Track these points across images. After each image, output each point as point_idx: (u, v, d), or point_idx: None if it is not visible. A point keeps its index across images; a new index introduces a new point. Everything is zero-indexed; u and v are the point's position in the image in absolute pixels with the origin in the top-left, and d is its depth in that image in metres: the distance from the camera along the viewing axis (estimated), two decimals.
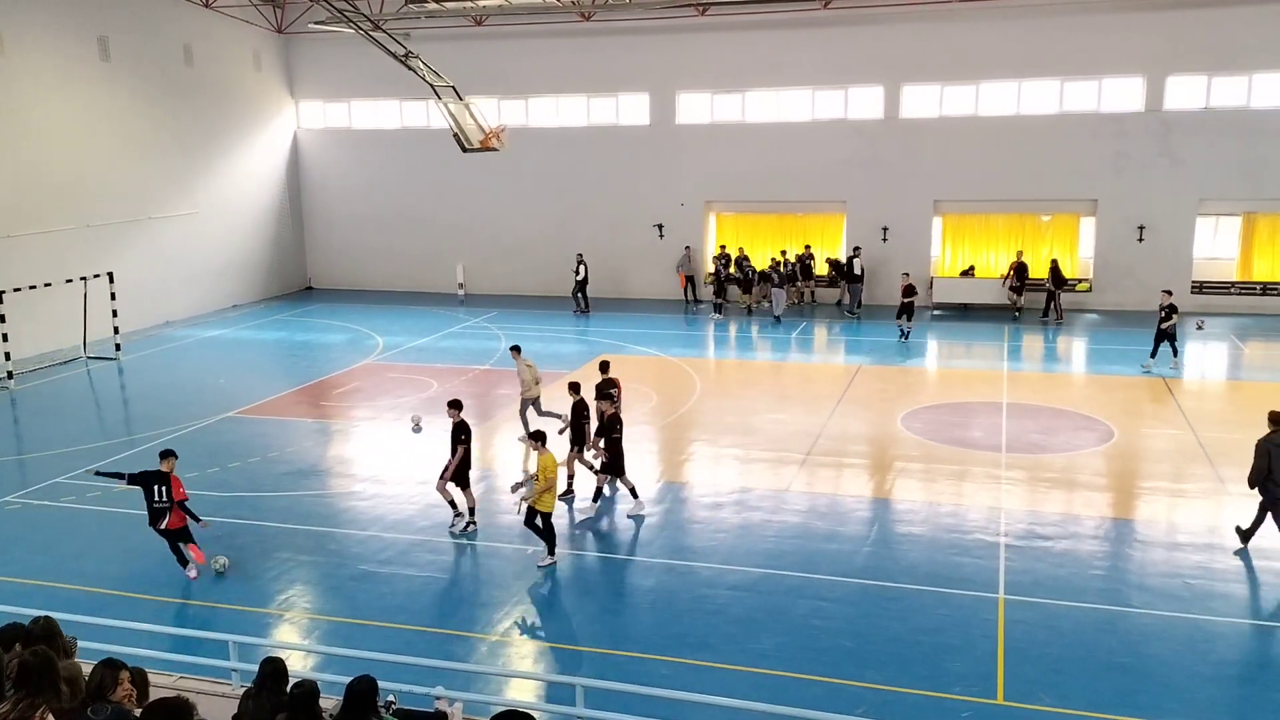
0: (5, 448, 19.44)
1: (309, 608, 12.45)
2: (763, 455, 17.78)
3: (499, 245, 34.89)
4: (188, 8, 31.27)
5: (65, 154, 27.15)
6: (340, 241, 36.99)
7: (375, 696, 6.66)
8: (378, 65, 27.72)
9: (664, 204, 33.38)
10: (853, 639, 11.26)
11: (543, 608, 12.33)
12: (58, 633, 6.63)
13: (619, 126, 33.63)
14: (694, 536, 14.39)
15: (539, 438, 13.27)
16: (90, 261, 26.84)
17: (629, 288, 33.93)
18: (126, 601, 12.32)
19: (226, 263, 33.50)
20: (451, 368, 24.43)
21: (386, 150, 35.74)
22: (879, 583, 12.64)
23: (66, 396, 22.67)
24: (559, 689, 9.99)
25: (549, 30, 32.95)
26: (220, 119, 32.91)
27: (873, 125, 31.32)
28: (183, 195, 31.48)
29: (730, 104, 32.64)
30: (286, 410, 21.17)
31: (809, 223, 33.19)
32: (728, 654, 10.94)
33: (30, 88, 26.12)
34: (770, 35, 31.39)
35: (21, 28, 25.77)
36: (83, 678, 6.40)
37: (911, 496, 15.81)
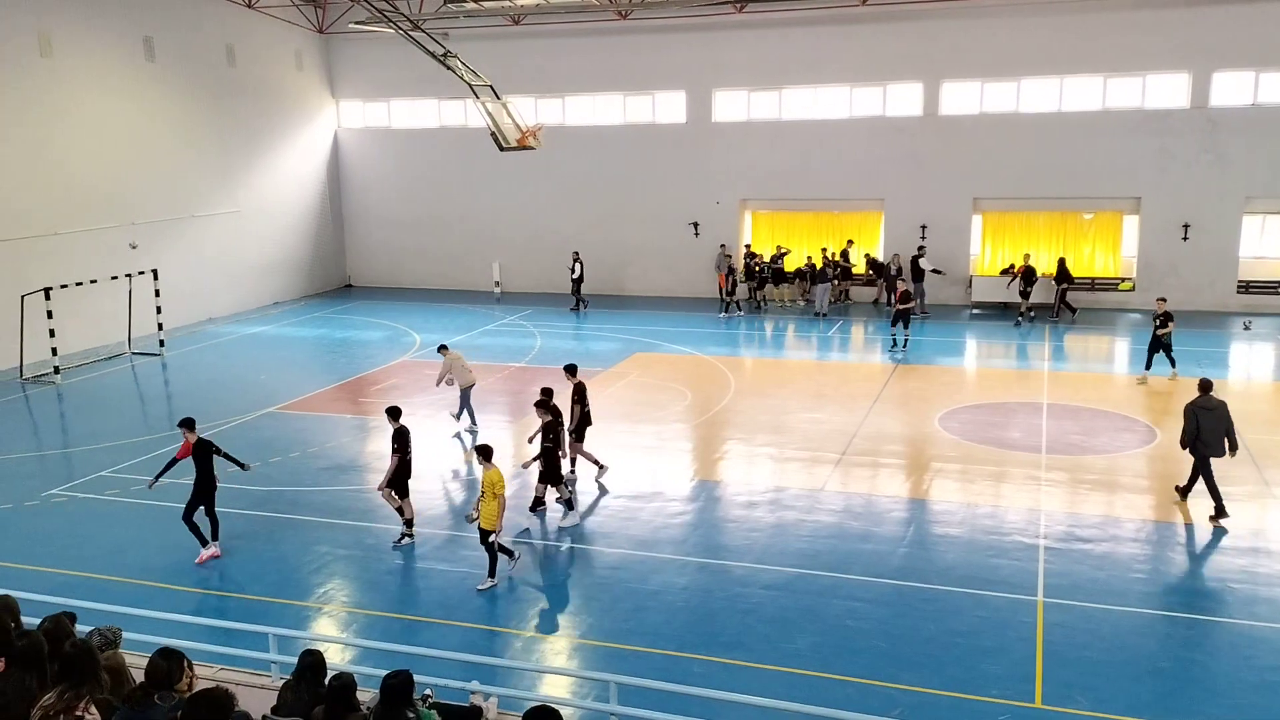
0: (51, 441, 19.84)
1: (347, 601, 12.60)
2: (797, 454, 17.71)
3: (535, 243, 35.04)
4: (230, 8, 31.69)
5: (111, 153, 27.62)
6: (379, 240, 37.33)
7: (412, 691, 6.73)
8: (417, 65, 27.93)
9: (699, 202, 33.35)
10: (887, 640, 11.20)
11: (577, 604, 12.38)
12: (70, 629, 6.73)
13: (655, 125, 33.64)
14: (728, 535, 14.38)
15: (485, 453, 12.86)
16: (135, 259, 27.29)
17: (664, 286, 33.93)
18: (169, 593, 12.53)
19: (268, 261, 33.92)
20: (487, 365, 24.56)
21: (425, 149, 36.01)
22: (915, 584, 12.56)
23: (111, 392, 23.07)
24: (593, 685, 10.04)
25: (586, 29, 33.03)
26: (262, 118, 33.33)
27: (911, 122, 31.09)
28: (225, 194, 31.92)
29: (767, 101, 32.53)
30: (326, 406, 21.41)
31: (846, 221, 33.01)
32: (761, 653, 10.93)
33: (77, 88, 26.60)
34: (808, 32, 31.25)
35: (69, 29, 26.25)
36: (127, 667, 6.53)
37: (948, 497, 15.68)
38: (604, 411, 20.50)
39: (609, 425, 19.60)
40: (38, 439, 20.07)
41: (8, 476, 17.12)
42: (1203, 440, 14.14)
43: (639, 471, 16.99)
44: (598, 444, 18.55)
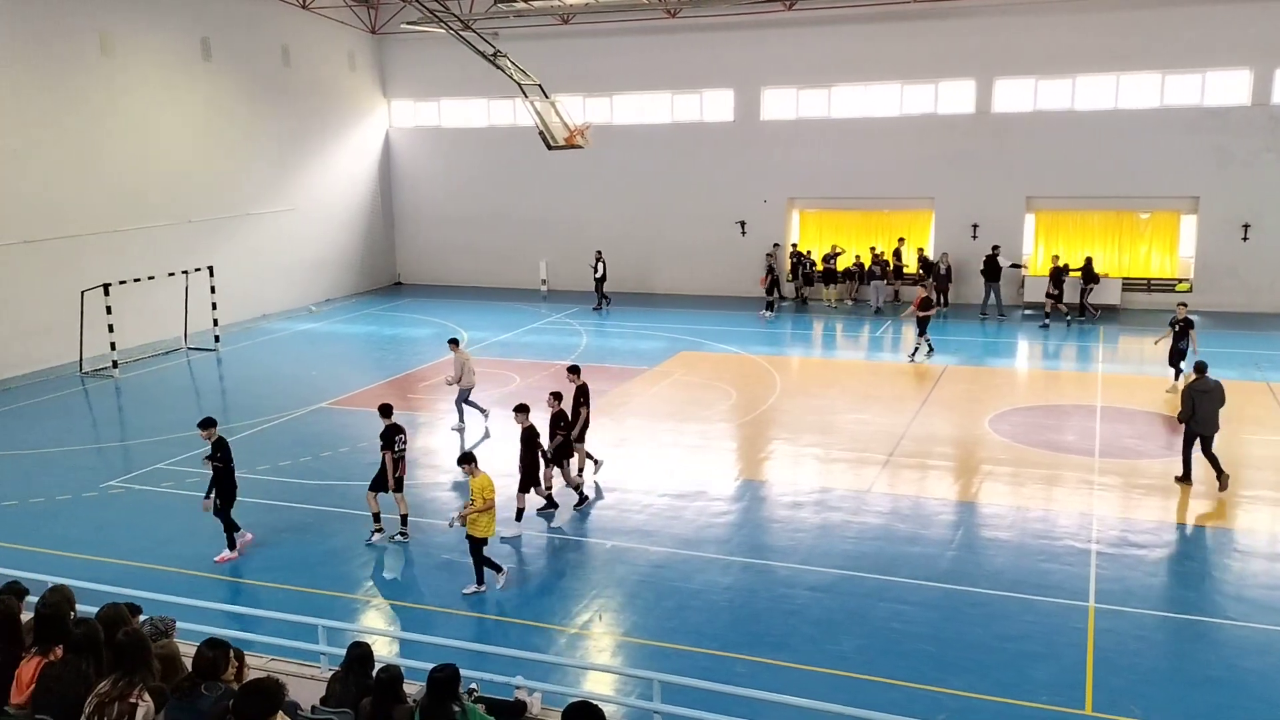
0: (110, 434, 20.30)
1: (394, 595, 12.74)
2: (844, 455, 17.60)
3: (582, 242, 35.12)
4: (286, 9, 32.18)
5: (169, 152, 28.17)
6: (428, 238, 37.69)
7: (458, 684, 6.79)
8: (467, 64, 28.15)
9: (747, 201, 33.25)
10: (934, 644, 11.09)
11: (621, 602, 12.40)
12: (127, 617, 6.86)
13: (703, 123, 33.59)
14: (773, 535, 14.32)
15: (470, 460, 12.57)
16: (191, 256, 27.83)
17: (710, 285, 33.87)
18: (221, 584, 12.77)
19: (320, 258, 34.40)
20: (534, 362, 24.72)
21: (474, 148, 36.29)
22: (963, 588, 12.42)
23: (167, 386, 23.54)
24: (636, 683, 10.06)
25: (634, 28, 33.07)
26: (315, 118, 33.80)
27: (963, 120, 30.72)
28: (279, 192, 32.42)
29: (816, 99, 32.32)
30: (375, 402, 21.55)
31: (895, 219, 32.72)
32: (806, 654, 10.88)
33: (137, 87, 27.17)
34: (859, 29, 31.00)
35: (129, 29, 26.81)
36: (180, 657, 6.67)
37: (998, 500, 15.48)
38: (649, 410, 20.56)
39: (654, 424, 19.65)
40: (96, 432, 20.54)
41: (67, 468, 17.54)
42: (1198, 420, 15.29)
43: (683, 470, 16.98)
44: (642, 442, 18.59)
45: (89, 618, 6.70)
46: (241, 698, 5.02)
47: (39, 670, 6.27)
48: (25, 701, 6.21)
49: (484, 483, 12.39)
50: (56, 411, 21.36)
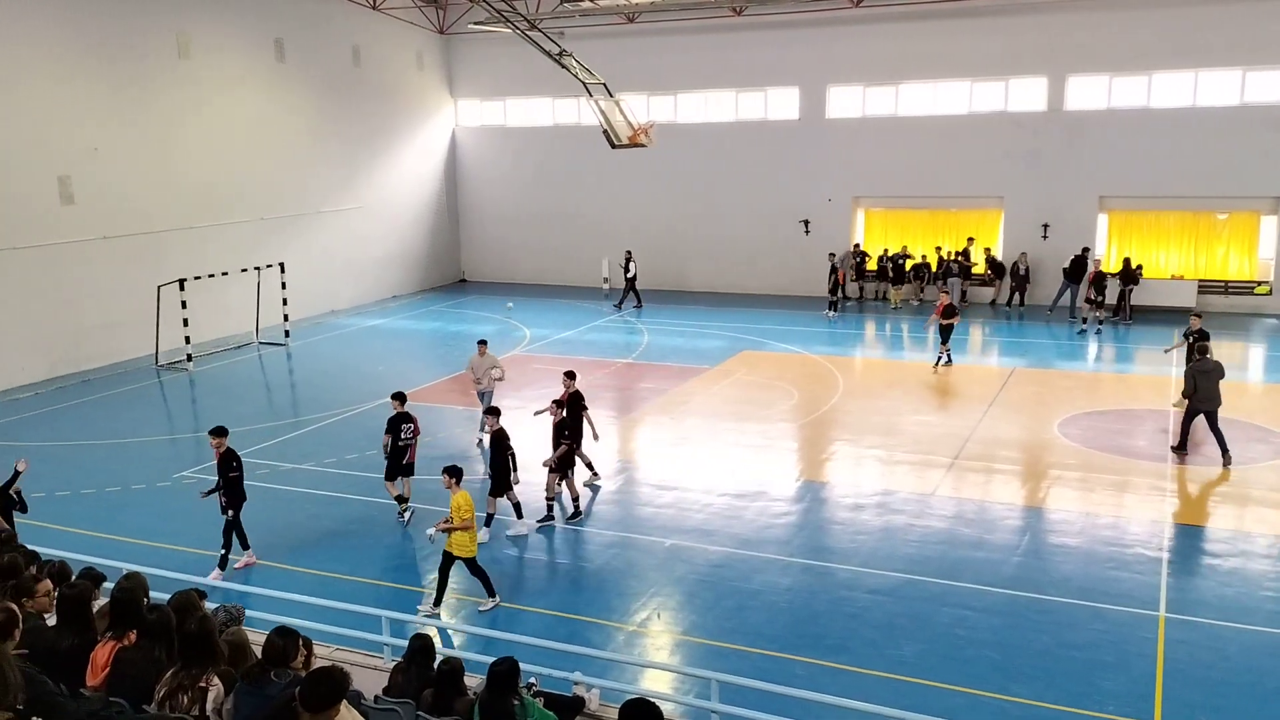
0: (183, 425, 20.84)
1: (455, 588, 12.86)
2: (907, 457, 17.38)
3: (644, 240, 35.16)
4: (357, 9, 32.72)
5: (243, 151, 28.82)
6: (492, 235, 38.05)
7: (518, 678, 6.86)
8: (532, 64, 28.34)
9: (811, 200, 33.00)
10: (999, 650, 10.91)
11: (680, 601, 12.39)
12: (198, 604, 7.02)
13: (767, 121, 33.42)
14: (833, 537, 14.21)
15: (455, 473, 12.09)
16: (263, 252, 28.44)
17: (773, 284, 33.68)
18: (289, 574, 13.03)
19: (387, 256, 34.93)
20: (595, 360, 24.81)
21: (538, 147, 36.54)
22: (1028, 594, 12.20)
23: (239, 379, 24.09)
24: (694, 682, 10.05)
25: (699, 26, 33.02)
26: (384, 117, 34.31)
27: (1035, 118, 30.14)
28: (349, 191, 32.98)
29: (883, 97, 31.96)
30: (439, 397, 21.93)
31: (963, 219, 32.22)
32: (867, 658, 10.77)
33: (213, 88, 27.84)
34: (927, 26, 30.57)
35: (206, 31, 27.49)
36: (249, 644, 6.82)
37: (1067, 506, 15.17)
38: (709, 409, 20.52)
39: (714, 423, 19.61)
40: (170, 423, 21.10)
41: (142, 458, 18.04)
42: (1199, 398, 16.60)
43: (743, 470, 16.91)
44: (702, 442, 18.56)
45: (162, 604, 6.89)
46: (307, 685, 5.11)
47: (113, 654, 6.45)
48: (100, 684, 6.39)
49: (460, 501, 11.79)
50: (133, 403, 21.99)
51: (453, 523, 11.76)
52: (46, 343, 23.76)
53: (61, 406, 21.61)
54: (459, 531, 11.77)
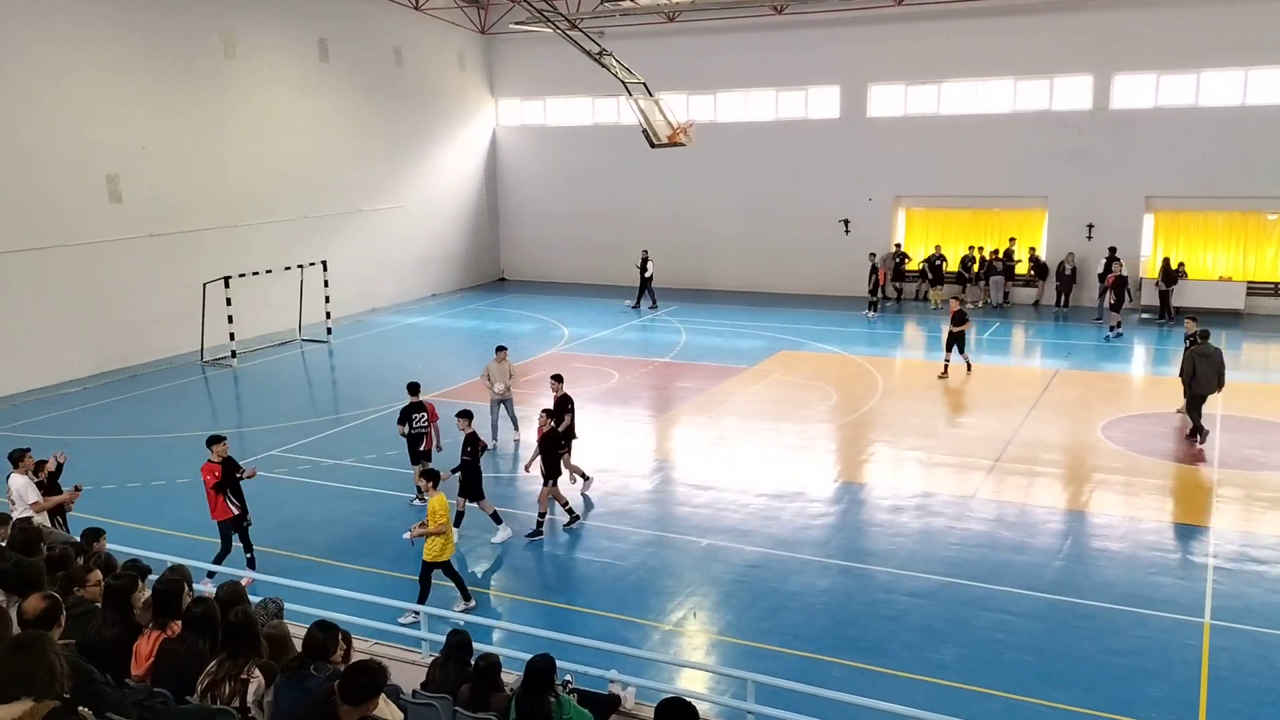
0: (228, 421, 21.13)
1: (493, 585, 12.97)
2: (947, 460, 17.23)
3: (683, 240, 35.18)
4: (400, 10, 32.99)
5: (287, 150, 29.17)
6: (532, 234, 38.21)
7: (554, 675, 6.88)
8: (572, 64, 28.42)
9: (851, 199, 32.80)
10: (1038, 655, 10.79)
11: (716, 601, 12.38)
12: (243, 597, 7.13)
13: (807, 120, 33.26)
14: (872, 540, 14.11)
15: (432, 477, 11.96)
16: (306, 251, 28.77)
17: (812, 283, 33.50)
18: (328, 569, 13.17)
19: (427, 254, 35.20)
20: (633, 359, 24.84)
21: (578, 146, 36.63)
22: (1070, 599, 12.04)
23: (282, 376, 24.39)
24: (730, 682, 10.03)
25: (740, 25, 32.93)
26: (426, 117, 34.58)
27: (1080, 116, 29.73)
28: (390, 190, 33.27)
29: (925, 95, 31.69)
30: (477, 395, 22.01)
31: (1006, 219, 31.87)
32: (904, 661, 10.69)
33: (258, 88, 28.21)
34: (971, 24, 30.26)
35: (251, 31, 27.85)
36: (290, 637, 6.91)
37: (1110, 510, 14.96)
38: (747, 409, 20.47)
39: (751, 423, 19.55)
40: (215, 419, 21.39)
41: (188, 453, 18.29)
42: (1198, 380, 17.26)
43: (781, 470, 16.85)
44: (739, 442, 18.51)
45: (207, 597, 7.00)
46: (346, 678, 5.17)
47: (158, 645, 6.57)
48: (144, 674, 6.51)
49: (435, 505, 11.63)
50: (178, 398, 22.34)
51: (428, 527, 11.61)
52: (95, 338, 24.21)
53: (109, 401, 22.01)
54: (435, 535, 11.62)
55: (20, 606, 5.84)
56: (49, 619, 5.45)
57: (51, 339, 23.23)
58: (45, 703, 4.32)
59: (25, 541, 8.03)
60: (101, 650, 6.50)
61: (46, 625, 5.36)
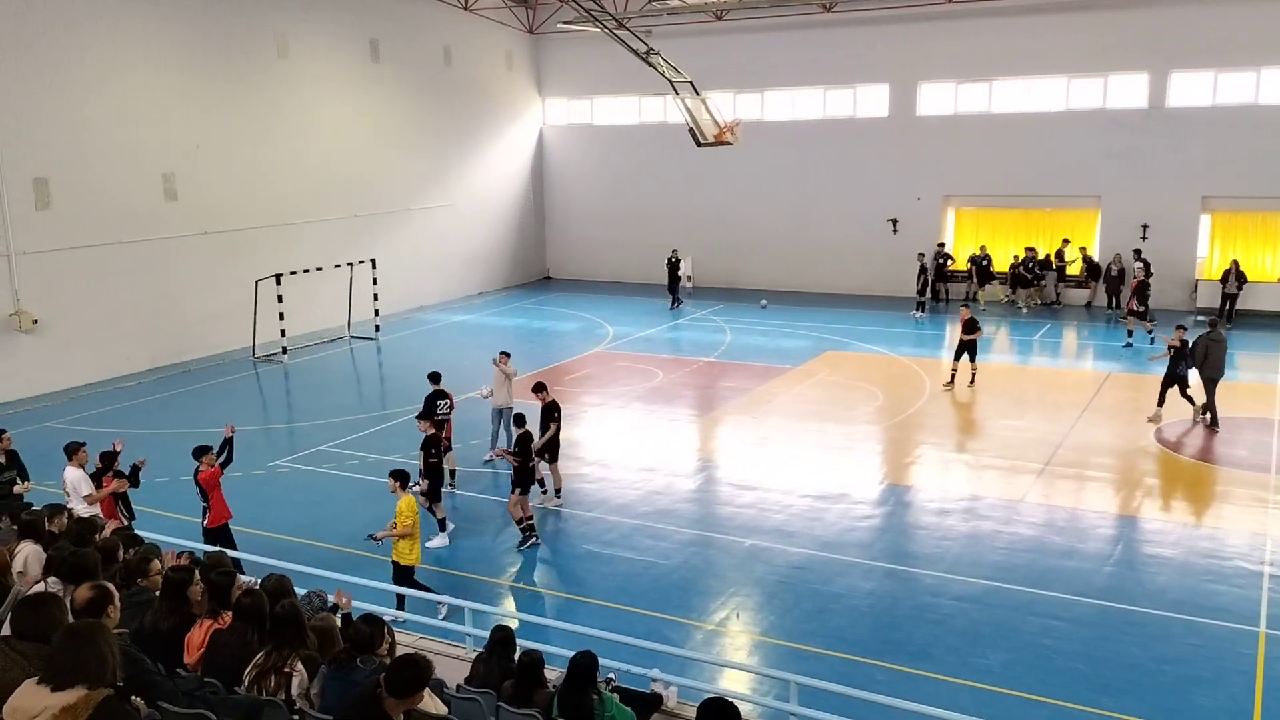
0: (278, 416, 21.45)
1: (536, 581, 13.04)
2: (996, 462, 17.01)
3: (728, 239, 35.07)
4: (450, 11, 33.26)
5: (338, 149, 29.54)
6: (577, 233, 38.33)
7: (596, 672, 6.91)
8: (619, 63, 28.45)
9: (899, 198, 32.50)
10: (1087, 662, 10.62)
11: (759, 601, 12.34)
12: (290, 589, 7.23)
13: (855, 119, 33.02)
14: (917, 542, 13.98)
15: (400, 478, 11.86)
16: (355, 248, 29.10)
17: (859, 283, 33.25)
18: (375, 563, 13.30)
19: (474, 253, 35.46)
20: (677, 359, 24.82)
21: (624, 145, 36.68)
22: (1120, 605, 11.83)
23: (331, 372, 24.71)
24: (772, 684, 9.99)
25: (788, 23, 32.77)
26: (474, 117, 34.83)
27: (1135, 115, 29.19)
28: (439, 188, 33.56)
29: (976, 94, 31.30)
30: (522, 393, 22.13)
31: (1058, 219, 31.39)
32: (950, 665, 10.58)
33: (310, 87, 28.59)
34: (1023, 21, 29.84)
35: (304, 32, 28.24)
36: (337, 630, 6.99)
37: (1162, 516, 14.69)
38: (791, 409, 20.36)
39: (796, 424, 19.45)
40: (265, 414, 21.74)
41: (238, 447, 18.42)
42: (1209, 365, 18.17)
43: (826, 472, 16.75)
44: (784, 442, 18.42)
45: (256, 588, 7.11)
46: (393, 671, 5.23)
47: (209, 635, 6.68)
48: (195, 664, 6.63)
49: (403, 506, 11.53)
50: (230, 393, 22.70)
51: (396, 529, 11.51)
52: (149, 334, 24.68)
53: (162, 396, 22.44)
54: (402, 538, 11.52)
55: (71, 596, 5.97)
56: (97, 608, 5.57)
57: (108, 334, 23.72)
58: (99, 690, 4.40)
59: (80, 532, 8.21)
60: (156, 640, 6.63)
61: (95, 614, 5.46)
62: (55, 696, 4.35)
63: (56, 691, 4.35)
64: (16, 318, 21.86)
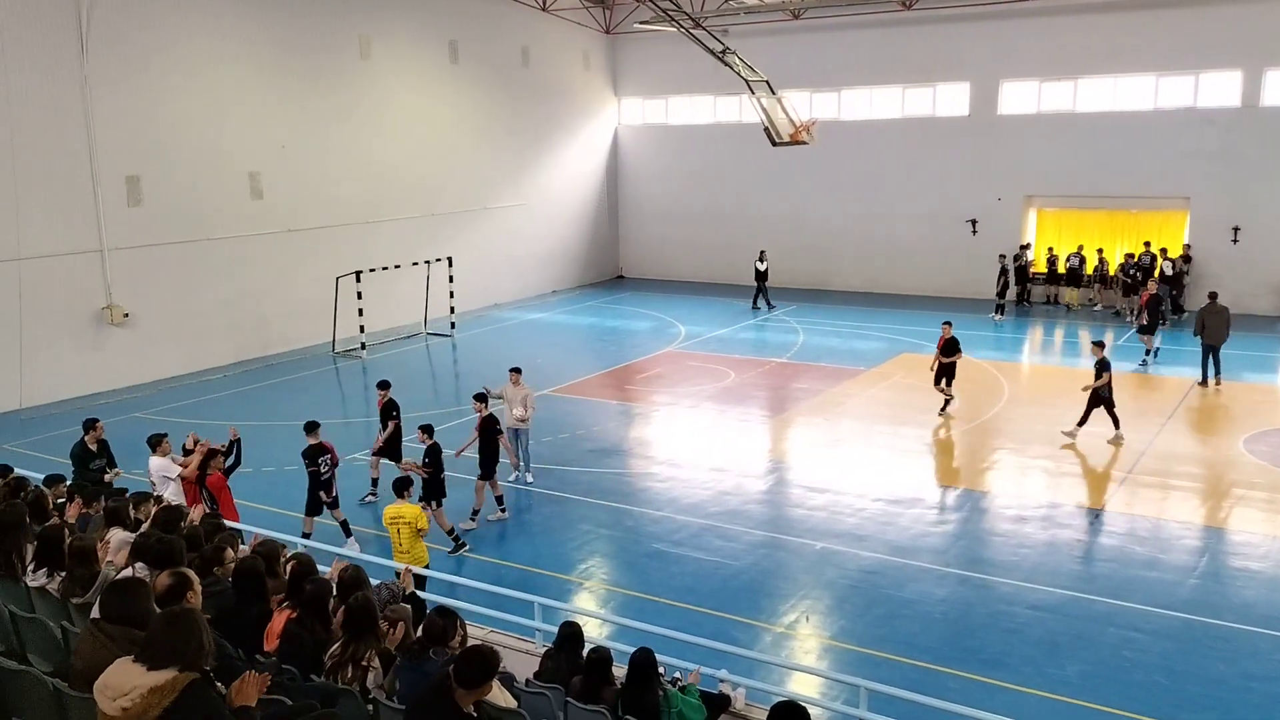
0: (356, 410, 21.89)
1: (605, 579, 13.10)
2: (1075, 469, 16.61)
3: (802, 239, 34.80)
4: (528, 11, 33.57)
5: (417, 149, 30.02)
6: (650, 233, 38.38)
7: (655, 667, 6.92)
8: (695, 62, 28.43)
9: (979, 198, 31.90)
10: (1168, 676, 10.31)
11: (830, 605, 12.22)
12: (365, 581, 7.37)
13: (934, 118, 32.50)
14: (993, 549, 13.71)
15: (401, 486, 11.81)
16: (433, 247, 29.55)
17: (937, 285, 32.73)
18: (446, 557, 13.50)
19: (548, 251, 35.74)
20: (749, 359, 24.71)
21: (698, 145, 36.62)
22: (1204, 619, 11.47)
23: (408, 367, 25.10)
24: (842, 689, 9.90)
25: (867, 21, 32.39)
26: (550, 117, 35.10)
27: (1227, 114, 28.23)
28: (514, 188, 33.90)
29: (1060, 92, 30.57)
30: (594, 391, 22.29)
31: (1144, 220, 30.51)
32: (1025, 675, 10.36)
33: (391, 88, 29.11)
34: (1110, 18, 29.06)
35: (386, 33, 28.76)
36: (410, 620, 7.12)
37: (1251, 528, 14.19)
38: (865, 412, 20.13)
39: (870, 426, 19.23)
40: (344, 407, 22.19)
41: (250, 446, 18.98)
42: (1207, 333, 20.78)
43: (899, 475, 16.52)
44: (857, 445, 18.22)
45: (320, 577, 7.25)
46: (461, 662, 5.30)
47: (285, 624, 6.85)
48: (273, 651, 6.80)
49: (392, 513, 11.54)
50: (310, 387, 23.23)
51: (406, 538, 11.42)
52: (234, 328, 25.38)
53: (246, 389, 23.05)
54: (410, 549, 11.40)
55: (154, 582, 6.17)
56: (176, 595, 5.74)
57: (194, 328, 24.45)
58: (187, 674, 4.55)
59: (168, 520, 8.47)
60: (237, 626, 6.81)
61: (175, 600, 5.63)
62: (148, 677, 4.50)
63: (151, 671, 4.51)
64: (108, 311, 22.66)
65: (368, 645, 6.41)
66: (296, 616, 6.80)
